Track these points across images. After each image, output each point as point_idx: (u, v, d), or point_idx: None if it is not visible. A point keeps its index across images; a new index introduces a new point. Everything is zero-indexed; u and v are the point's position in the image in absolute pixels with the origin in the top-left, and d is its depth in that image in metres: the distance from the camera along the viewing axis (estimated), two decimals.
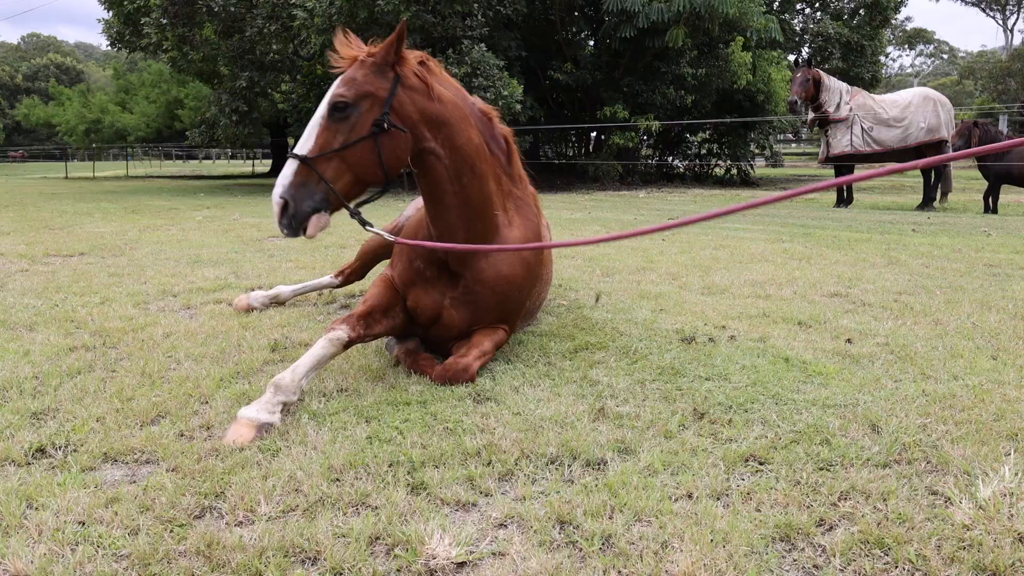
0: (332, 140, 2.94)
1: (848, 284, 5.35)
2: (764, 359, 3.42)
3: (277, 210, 2.88)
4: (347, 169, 2.96)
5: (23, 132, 74.75)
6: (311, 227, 2.92)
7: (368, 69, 3.01)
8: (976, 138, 11.04)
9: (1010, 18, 58.21)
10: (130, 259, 6.80)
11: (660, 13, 18.51)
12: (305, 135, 2.97)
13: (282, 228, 2.92)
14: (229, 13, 16.79)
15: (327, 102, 2.96)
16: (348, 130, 2.96)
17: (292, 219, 2.89)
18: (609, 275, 5.86)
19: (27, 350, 3.67)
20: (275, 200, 2.87)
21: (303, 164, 2.90)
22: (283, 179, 2.89)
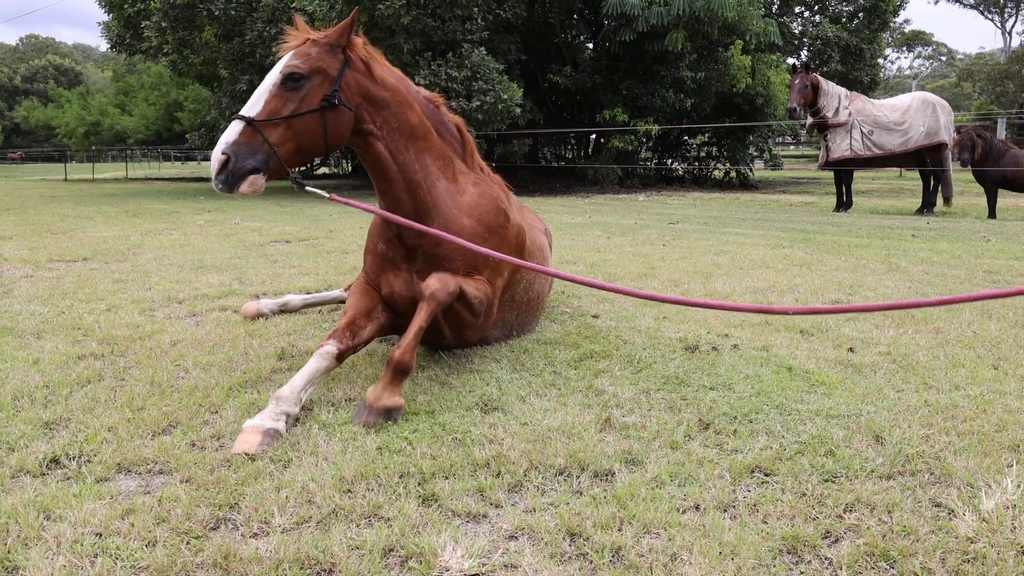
0: (281, 107, 3.02)
1: (849, 291, 5.39)
2: (767, 368, 3.45)
3: (217, 165, 2.90)
4: (292, 137, 3.05)
5: (22, 133, 74.74)
6: (245, 185, 2.95)
7: (321, 48, 3.14)
8: (980, 149, 11.10)
9: (1008, 20, 58.37)
10: (134, 265, 6.83)
11: (659, 17, 18.55)
12: (253, 99, 3.04)
13: (217, 183, 2.93)
14: (229, 17, 16.82)
15: (280, 71, 3.06)
16: (299, 100, 3.05)
17: (230, 175, 2.92)
18: (611, 282, 5.89)
19: (36, 358, 3.69)
20: (216, 155, 2.91)
21: (249, 126, 2.97)
22: (227, 137, 2.94)
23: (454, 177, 3.61)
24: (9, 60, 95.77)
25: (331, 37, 3.18)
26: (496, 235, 3.66)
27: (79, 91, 33.31)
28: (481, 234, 3.58)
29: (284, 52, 3.17)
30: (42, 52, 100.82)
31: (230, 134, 2.96)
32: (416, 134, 3.42)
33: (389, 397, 2.90)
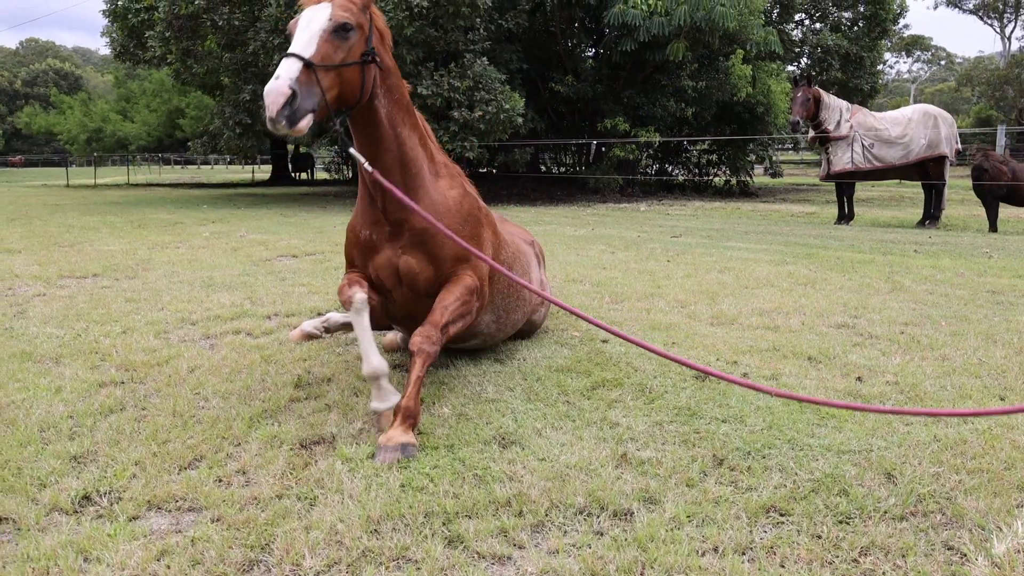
0: (332, 54, 3.03)
1: (854, 313, 5.45)
2: (777, 400, 3.52)
3: (282, 100, 2.80)
4: (337, 85, 3.06)
5: (22, 138, 74.85)
6: (304, 123, 2.90)
7: (358, 5, 3.17)
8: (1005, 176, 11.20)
9: (1008, 25, 58.51)
10: (144, 282, 6.89)
11: (661, 27, 18.65)
12: (303, 40, 2.98)
13: (280, 118, 2.81)
14: (233, 27, 16.88)
15: (331, 19, 3.04)
16: (346, 50, 3.08)
17: (295, 112, 2.85)
18: (618, 302, 5.96)
19: (58, 386, 3.76)
20: (280, 89, 2.81)
21: (307, 68, 2.92)
22: (289, 72, 2.86)
23: (431, 157, 3.68)
24: (9, 64, 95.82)
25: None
26: (475, 218, 3.75)
27: (81, 97, 33.34)
28: (464, 216, 3.67)
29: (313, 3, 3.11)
30: (42, 56, 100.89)
31: (290, 70, 2.87)
32: (408, 109, 3.51)
33: (402, 436, 2.99)
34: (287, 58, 2.93)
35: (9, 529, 2.41)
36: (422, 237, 3.47)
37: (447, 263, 3.53)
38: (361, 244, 3.60)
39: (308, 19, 3.06)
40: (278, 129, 2.84)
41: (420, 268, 3.49)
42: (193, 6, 16.40)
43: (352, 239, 3.69)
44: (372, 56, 3.18)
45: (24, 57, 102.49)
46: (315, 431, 3.19)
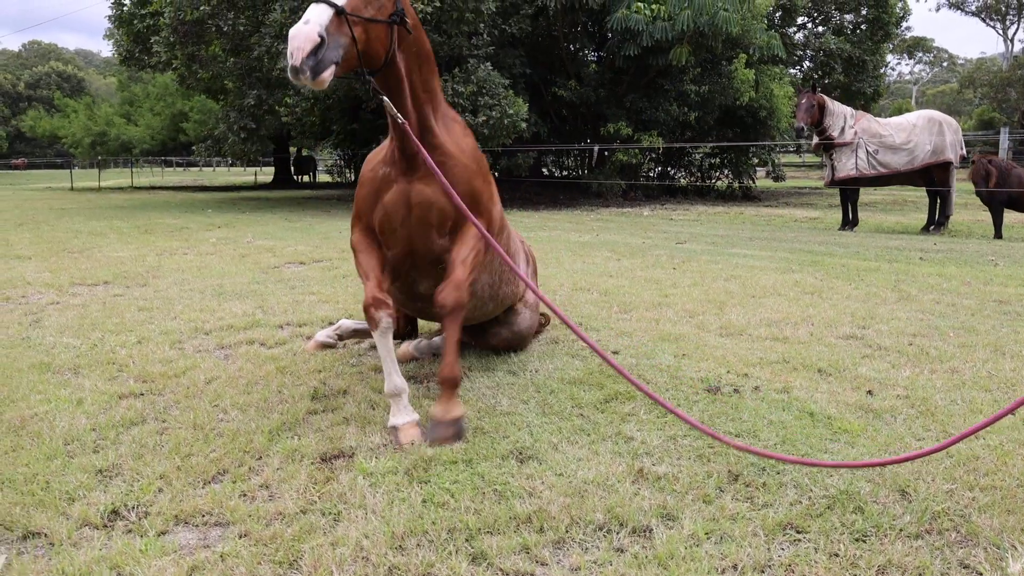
0: (363, 8, 2.94)
1: (862, 324, 5.50)
2: (790, 414, 3.56)
3: (309, 46, 2.67)
4: (365, 41, 2.96)
5: (25, 140, 74.98)
6: (327, 73, 2.78)
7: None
8: (994, 178, 11.23)
9: (1010, 28, 58.54)
10: (155, 290, 6.94)
11: (664, 32, 18.73)
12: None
13: (304, 67, 2.69)
14: (238, 32, 16.95)
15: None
16: (376, 7, 3.00)
17: (320, 62, 2.73)
18: (626, 311, 6.00)
19: (79, 398, 3.80)
20: (309, 35, 2.68)
21: (339, 16, 2.82)
22: (319, 17, 2.74)
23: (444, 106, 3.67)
24: (12, 66, 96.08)
25: None
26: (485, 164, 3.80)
27: (86, 101, 33.45)
28: (478, 160, 3.72)
29: None
30: (44, 58, 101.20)
31: (321, 15, 2.75)
32: (429, 59, 3.47)
33: (454, 409, 3.30)
34: (317, 3, 2.79)
35: (42, 543, 2.46)
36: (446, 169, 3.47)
37: (463, 185, 3.54)
38: (377, 179, 3.59)
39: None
40: (300, 79, 2.72)
41: (437, 199, 3.48)
42: (198, 12, 16.47)
43: (366, 179, 3.67)
44: (401, 17, 3.12)
45: (27, 59, 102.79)
46: (334, 445, 3.24)
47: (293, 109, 19.11)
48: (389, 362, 3.38)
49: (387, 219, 3.55)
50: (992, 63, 58.61)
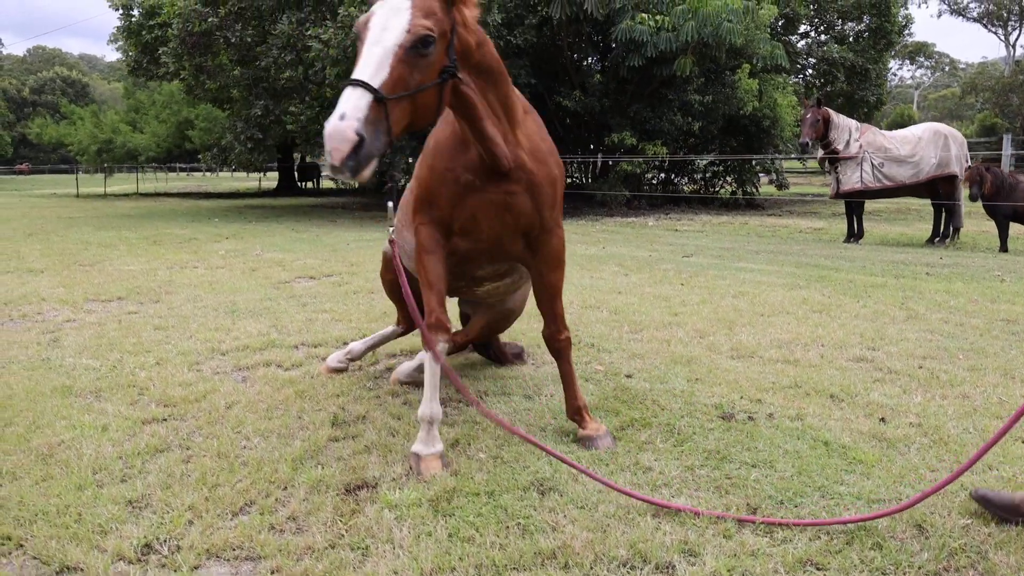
0: (408, 78, 2.62)
1: (871, 345, 5.55)
2: (804, 443, 3.61)
3: (347, 148, 2.44)
4: (408, 115, 2.68)
5: (29, 145, 75.17)
6: (369, 170, 2.56)
7: (438, 4, 2.74)
8: (989, 183, 11.27)
9: (1012, 33, 58.65)
10: (169, 307, 7.00)
11: (668, 43, 18.79)
12: (372, 62, 2.58)
13: (345, 168, 2.47)
14: (245, 43, 17.06)
15: (409, 30, 2.62)
16: (424, 70, 2.67)
17: (362, 160, 2.49)
18: (637, 331, 6.06)
19: (104, 424, 3.86)
20: (345, 134, 2.43)
21: (377, 102, 2.52)
22: (355, 111, 2.46)
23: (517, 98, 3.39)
24: (17, 72, 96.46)
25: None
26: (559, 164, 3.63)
27: (92, 109, 33.61)
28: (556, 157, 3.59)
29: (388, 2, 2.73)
30: (49, 63, 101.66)
31: (358, 107, 2.47)
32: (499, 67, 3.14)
33: (598, 425, 3.69)
34: (354, 87, 2.52)
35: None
36: (530, 184, 3.39)
37: (547, 208, 3.51)
38: (460, 184, 3.33)
39: (382, 26, 2.65)
40: (339, 176, 2.54)
41: (528, 209, 3.41)
42: (206, 24, 16.59)
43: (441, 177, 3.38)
44: (453, 71, 2.80)
45: (32, 64, 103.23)
46: (358, 475, 3.29)
47: (298, 117, 19.24)
48: (432, 387, 3.39)
49: (474, 222, 3.41)
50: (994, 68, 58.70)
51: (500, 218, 3.42)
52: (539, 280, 3.71)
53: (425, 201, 3.48)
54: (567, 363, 3.77)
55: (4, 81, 78.40)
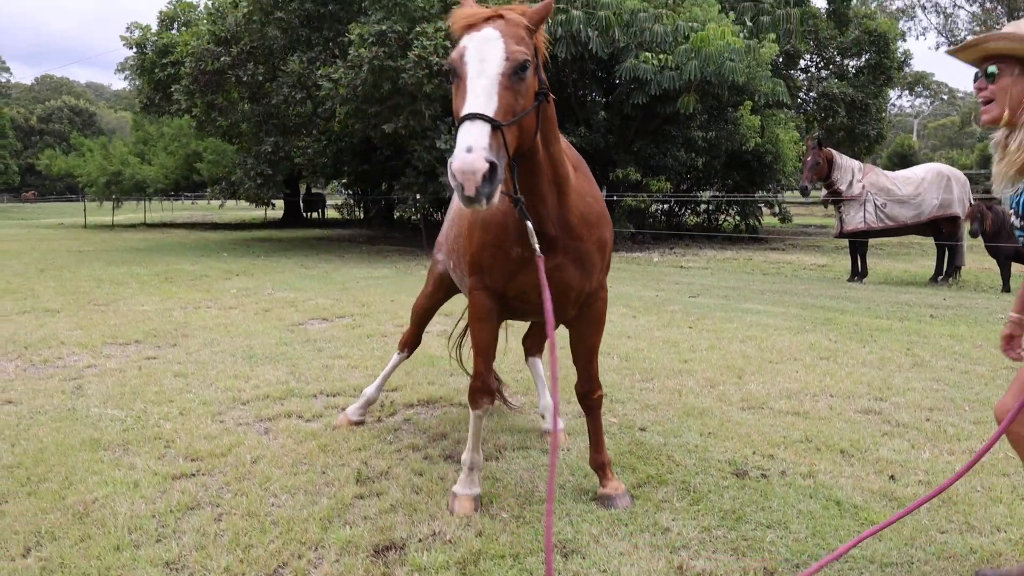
0: (514, 104, 2.70)
1: (879, 395, 5.66)
2: (817, 502, 3.72)
3: (481, 176, 2.49)
4: (515, 139, 2.74)
5: (36, 173, 75.76)
6: (499, 194, 2.61)
7: (523, 31, 2.82)
8: (990, 221, 11.42)
9: None
10: (187, 352, 7.13)
11: (671, 81, 19.09)
12: (482, 93, 2.65)
13: (481, 196, 2.51)
14: (256, 81, 17.36)
15: (507, 57, 2.70)
16: (524, 95, 2.75)
17: (494, 186, 2.55)
18: (648, 379, 6.17)
19: (135, 480, 3.97)
20: (477, 165, 2.48)
21: (495, 129, 2.58)
22: (480, 141, 2.52)
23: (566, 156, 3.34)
24: (24, 100, 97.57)
25: (533, 17, 2.87)
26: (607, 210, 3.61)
27: (102, 141, 34.02)
28: (605, 215, 3.56)
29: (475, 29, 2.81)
30: (57, 92, 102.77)
31: (482, 137, 2.53)
32: (554, 120, 3.14)
33: (618, 484, 3.80)
34: (473, 121, 2.58)
35: None
36: (578, 253, 3.41)
37: (596, 273, 3.55)
38: (512, 260, 3.37)
39: (479, 57, 2.73)
40: (475, 207, 2.58)
41: (577, 282, 3.45)
42: (219, 63, 16.90)
43: (491, 250, 3.42)
44: (546, 93, 2.89)
45: (39, 93, 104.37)
46: (385, 535, 3.39)
47: (305, 151, 19.54)
48: (476, 439, 3.74)
49: (524, 296, 3.49)
50: None
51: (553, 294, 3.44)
52: (578, 339, 3.80)
53: (477, 267, 3.53)
54: (597, 420, 3.87)
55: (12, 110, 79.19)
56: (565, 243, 3.36)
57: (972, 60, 2.62)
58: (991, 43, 2.53)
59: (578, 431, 4.79)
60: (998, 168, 2.61)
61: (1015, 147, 2.51)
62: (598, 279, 3.61)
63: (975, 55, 2.60)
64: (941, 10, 60.15)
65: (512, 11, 2.87)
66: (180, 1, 21.31)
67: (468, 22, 2.82)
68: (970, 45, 2.60)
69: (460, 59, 2.76)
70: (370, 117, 16.88)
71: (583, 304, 3.65)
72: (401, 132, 16.80)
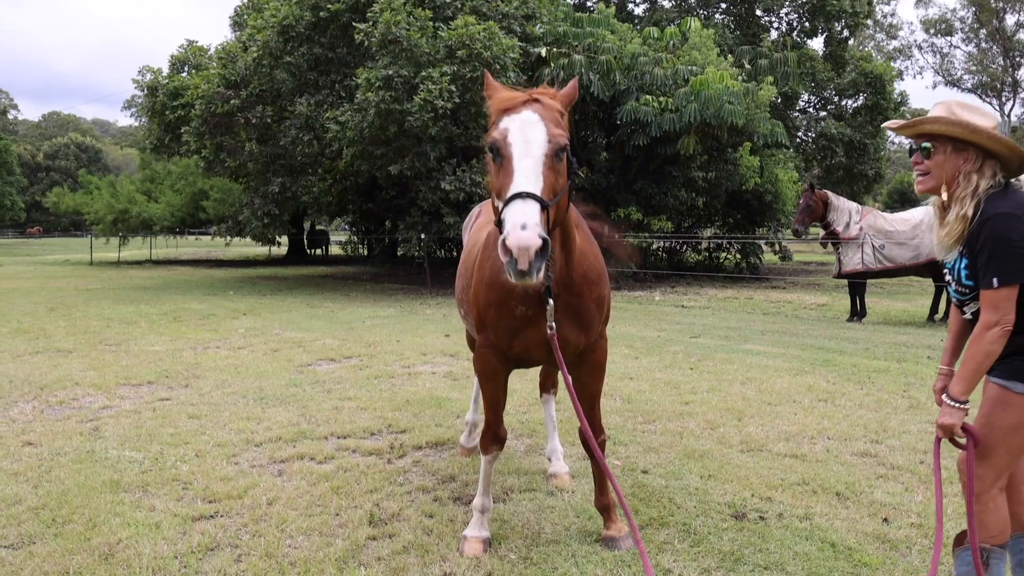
0: (555, 184, 2.88)
1: (875, 437, 5.82)
2: (813, 544, 3.87)
3: (535, 252, 2.65)
4: (556, 215, 2.93)
5: (41, 209, 76.50)
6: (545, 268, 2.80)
7: (557, 114, 3.03)
8: None
9: (1006, 103, 60.02)
10: (199, 393, 7.30)
11: (672, 123, 19.48)
12: (531, 174, 2.83)
13: (533, 270, 2.67)
14: (264, 123, 17.74)
15: (549, 140, 2.91)
16: (561, 174, 2.95)
17: (545, 260, 2.72)
18: (650, 421, 6.34)
19: (156, 522, 4.13)
20: (532, 241, 2.64)
21: (543, 208, 2.77)
22: (533, 219, 2.69)
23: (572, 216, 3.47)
24: (31, 137, 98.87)
25: (563, 101, 3.09)
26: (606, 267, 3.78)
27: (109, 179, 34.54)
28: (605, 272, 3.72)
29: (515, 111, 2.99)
30: (64, 129, 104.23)
31: (534, 215, 2.70)
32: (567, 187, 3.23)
33: (621, 527, 3.93)
34: (524, 200, 2.75)
35: None
36: (577, 313, 3.56)
37: (597, 326, 3.71)
38: (516, 318, 3.52)
39: (524, 138, 2.91)
40: (526, 281, 2.72)
41: (575, 338, 3.58)
42: (229, 105, 17.29)
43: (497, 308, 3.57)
44: (577, 171, 3.09)
45: (46, 130, 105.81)
46: None
47: (311, 189, 19.89)
48: (486, 483, 3.94)
49: (527, 352, 3.64)
50: None
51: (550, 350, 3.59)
52: (580, 386, 3.92)
53: (483, 324, 3.71)
54: (601, 462, 3.99)
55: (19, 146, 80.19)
56: (566, 300, 3.51)
57: (910, 136, 2.90)
58: (926, 125, 2.85)
59: (583, 474, 4.95)
60: (939, 236, 2.89)
61: (953, 218, 2.80)
62: (598, 331, 3.79)
63: (912, 133, 2.93)
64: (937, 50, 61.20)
65: (545, 95, 3.08)
66: (191, 45, 21.83)
67: (507, 105, 3.03)
68: (908, 125, 2.92)
69: (504, 139, 2.94)
70: (376, 158, 17.24)
71: (584, 352, 3.82)
72: (406, 173, 17.14)
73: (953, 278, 2.97)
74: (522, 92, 3.10)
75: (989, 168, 2.78)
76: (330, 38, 17.85)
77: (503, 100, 3.08)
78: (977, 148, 2.78)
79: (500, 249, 2.72)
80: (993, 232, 2.71)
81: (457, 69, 15.98)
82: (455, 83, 15.94)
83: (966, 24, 58.48)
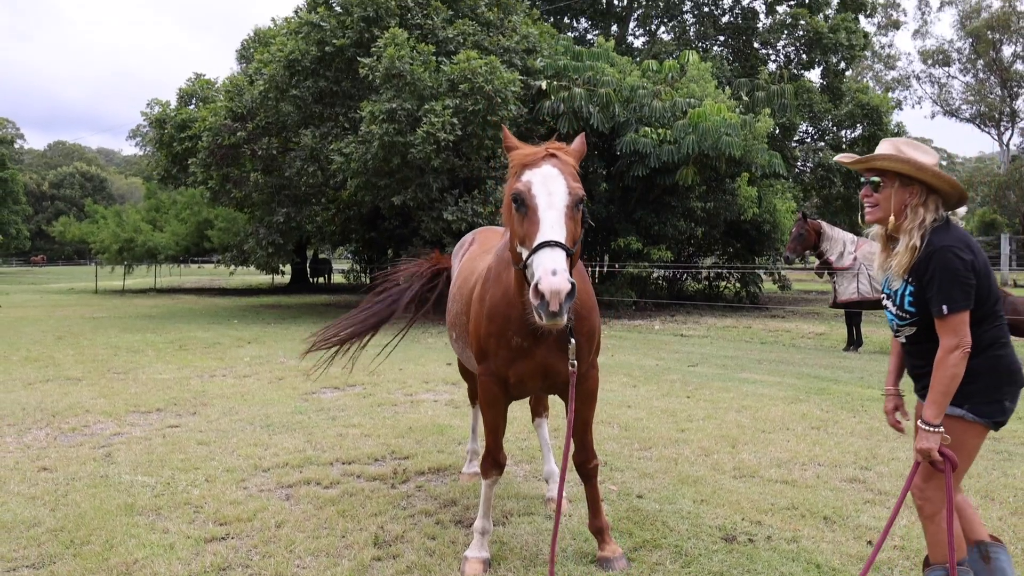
0: (574, 233, 3.15)
1: (864, 464, 5.99)
2: (799, 565, 4.04)
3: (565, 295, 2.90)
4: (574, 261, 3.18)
5: (45, 237, 77.06)
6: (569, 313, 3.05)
7: (573, 168, 3.30)
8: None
9: (1005, 133, 60.50)
10: (207, 420, 7.49)
11: (670, 154, 19.81)
12: (556, 224, 3.09)
13: (562, 311, 2.91)
14: (270, 155, 18.09)
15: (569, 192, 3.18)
16: (578, 223, 3.23)
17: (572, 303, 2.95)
18: (647, 448, 6.51)
19: (170, 544, 4.31)
20: (563, 286, 2.89)
21: (567, 255, 3.03)
22: (562, 265, 2.96)
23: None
24: (37, 166, 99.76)
25: (576, 156, 3.38)
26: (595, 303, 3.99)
27: (115, 209, 34.95)
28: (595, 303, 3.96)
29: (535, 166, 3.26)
30: (68, 158, 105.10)
31: (562, 262, 2.96)
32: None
33: (617, 547, 4.10)
34: (552, 248, 3.02)
35: None
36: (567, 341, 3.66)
37: (588, 357, 3.88)
38: (513, 349, 3.72)
39: (547, 190, 3.18)
40: (553, 321, 2.96)
41: (562, 366, 3.71)
42: (235, 137, 17.64)
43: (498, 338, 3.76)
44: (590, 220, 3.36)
45: (51, 159, 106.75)
46: None
47: (314, 219, 20.17)
48: (487, 506, 4.11)
49: (522, 382, 3.86)
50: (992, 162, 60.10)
51: (544, 378, 3.87)
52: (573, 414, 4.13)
53: (483, 354, 3.91)
54: (594, 487, 4.18)
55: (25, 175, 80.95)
56: (560, 334, 3.65)
57: (861, 171, 3.17)
58: (876, 162, 3.13)
59: (579, 498, 5.13)
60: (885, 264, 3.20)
61: (903, 248, 3.07)
62: (588, 362, 3.98)
63: (863, 167, 3.21)
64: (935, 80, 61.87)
65: (560, 150, 3.38)
66: (199, 78, 22.26)
67: (528, 160, 3.32)
68: (860, 161, 3.20)
69: (528, 191, 3.22)
70: (379, 189, 17.54)
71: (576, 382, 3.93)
72: (409, 203, 17.43)
73: (895, 304, 3.20)
74: (539, 148, 3.39)
75: (932, 202, 3.06)
76: (335, 72, 18.25)
77: (524, 155, 3.37)
78: (922, 184, 3.04)
79: (532, 293, 2.96)
80: (941, 263, 2.96)
81: (459, 102, 16.33)
82: (457, 116, 16.29)
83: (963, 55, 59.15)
